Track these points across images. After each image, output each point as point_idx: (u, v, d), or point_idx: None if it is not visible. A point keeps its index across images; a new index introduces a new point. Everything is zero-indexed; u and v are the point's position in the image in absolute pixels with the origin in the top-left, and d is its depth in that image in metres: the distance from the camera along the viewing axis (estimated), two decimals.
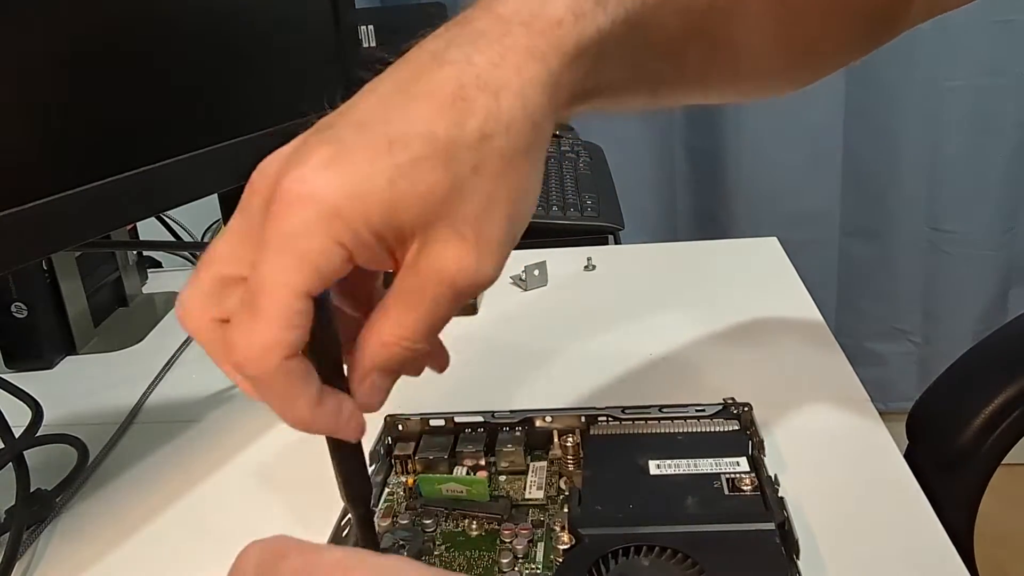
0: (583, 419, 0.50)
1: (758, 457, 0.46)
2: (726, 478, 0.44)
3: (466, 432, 0.51)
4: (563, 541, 0.42)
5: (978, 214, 1.65)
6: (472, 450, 0.49)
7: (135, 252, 0.88)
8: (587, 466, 0.47)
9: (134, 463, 0.58)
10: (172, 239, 0.96)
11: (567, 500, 0.45)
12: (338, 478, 0.33)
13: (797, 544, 0.39)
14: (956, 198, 1.64)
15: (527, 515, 0.45)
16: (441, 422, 0.51)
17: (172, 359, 0.73)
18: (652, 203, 1.74)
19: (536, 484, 0.48)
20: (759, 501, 0.42)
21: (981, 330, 1.67)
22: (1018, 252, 1.69)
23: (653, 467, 0.45)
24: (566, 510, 0.44)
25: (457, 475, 0.48)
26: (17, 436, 0.51)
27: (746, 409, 0.50)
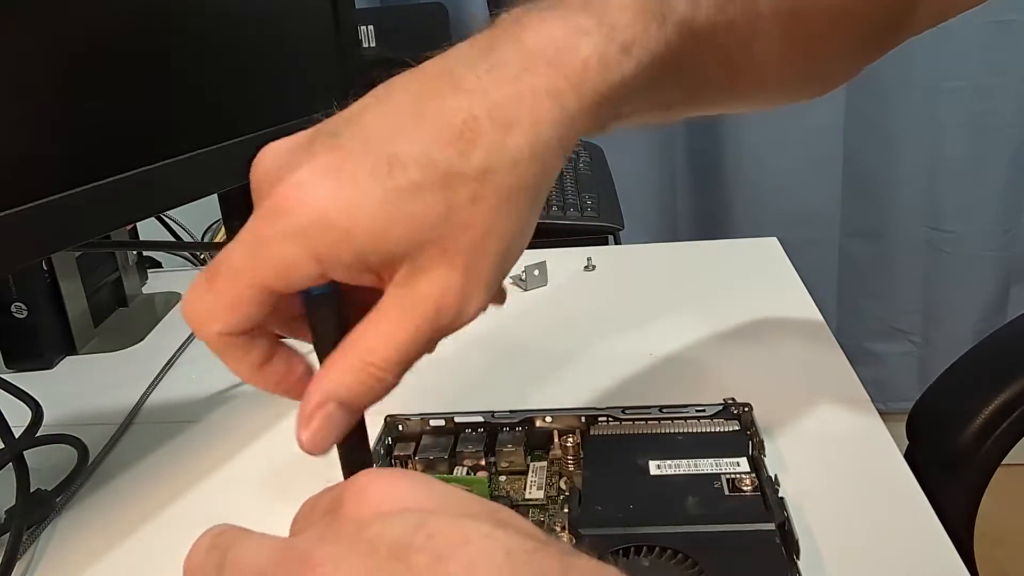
0: (583, 419, 0.50)
1: (758, 457, 0.46)
2: (726, 478, 0.44)
3: (466, 432, 0.51)
4: (563, 541, 0.42)
5: (978, 214, 1.65)
6: (472, 450, 0.49)
7: (135, 252, 0.88)
8: (587, 466, 0.47)
9: (134, 463, 0.58)
10: (172, 239, 0.95)
11: (567, 500, 0.45)
12: (344, 472, 0.33)
13: (797, 544, 0.39)
14: (956, 198, 1.64)
15: (527, 515, 0.45)
16: (441, 422, 0.51)
17: (172, 359, 0.73)
18: (652, 203, 1.74)
19: (536, 484, 0.48)
20: (759, 501, 0.42)
21: (981, 330, 1.67)
22: (1018, 252, 1.69)
23: (653, 467, 0.45)
24: (566, 510, 0.44)
25: (457, 475, 0.48)
26: (17, 436, 0.51)
27: (746, 409, 0.50)
